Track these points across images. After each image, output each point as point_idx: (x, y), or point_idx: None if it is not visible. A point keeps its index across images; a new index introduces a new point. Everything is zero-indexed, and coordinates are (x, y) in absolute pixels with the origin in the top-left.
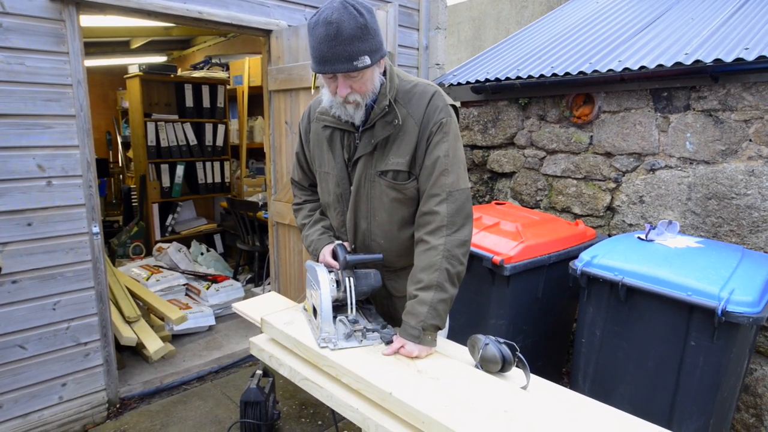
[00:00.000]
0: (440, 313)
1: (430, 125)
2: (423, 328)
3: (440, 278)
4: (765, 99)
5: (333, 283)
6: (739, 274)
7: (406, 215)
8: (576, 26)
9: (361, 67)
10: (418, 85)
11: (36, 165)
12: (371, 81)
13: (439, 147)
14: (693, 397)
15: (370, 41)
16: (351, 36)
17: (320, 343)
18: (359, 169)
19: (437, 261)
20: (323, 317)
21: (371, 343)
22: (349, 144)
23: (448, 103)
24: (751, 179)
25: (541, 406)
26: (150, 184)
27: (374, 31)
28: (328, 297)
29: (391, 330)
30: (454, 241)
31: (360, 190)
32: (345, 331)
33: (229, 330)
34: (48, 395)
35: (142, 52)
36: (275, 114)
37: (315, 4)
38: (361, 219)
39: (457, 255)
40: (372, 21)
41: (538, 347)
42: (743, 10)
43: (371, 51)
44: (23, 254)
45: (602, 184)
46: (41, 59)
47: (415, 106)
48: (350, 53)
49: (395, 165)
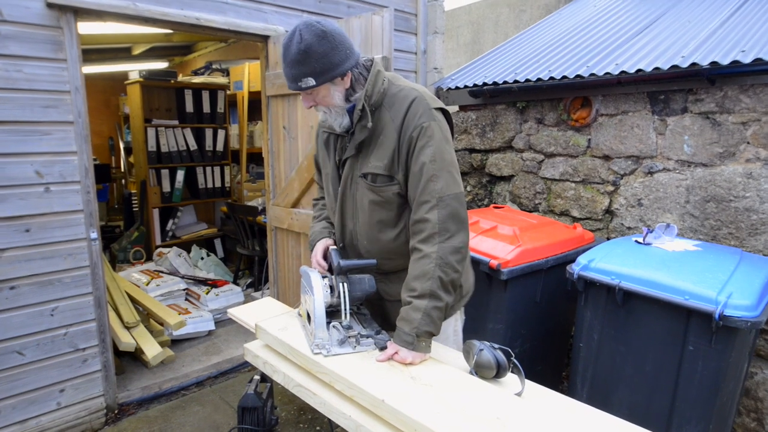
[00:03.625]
0: (434, 319)
1: (409, 130)
2: (417, 334)
3: (433, 287)
4: (762, 101)
5: (327, 288)
6: (737, 278)
7: (384, 218)
8: (573, 30)
9: (305, 87)
10: (404, 89)
11: (34, 171)
12: (328, 97)
13: (424, 152)
14: (692, 402)
15: (312, 64)
16: (293, 60)
17: (314, 350)
18: (346, 170)
19: (430, 269)
20: (316, 323)
21: (365, 349)
22: (341, 147)
23: (432, 107)
24: (750, 182)
25: (534, 413)
26: (150, 189)
27: (319, 55)
28: (321, 303)
29: (385, 336)
30: (447, 248)
31: (346, 191)
32: (339, 337)
33: (229, 335)
34: (46, 401)
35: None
36: (273, 119)
37: (312, 9)
38: (348, 219)
39: (450, 262)
40: (317, 44)
41: (536, 351)
42: (740, 13)
43: (315, 73)
44: (21, 260)
45: (600, 187)
46: (39, 66)
47: (396, 110)
48: (294, 75)
49: (374, 168)
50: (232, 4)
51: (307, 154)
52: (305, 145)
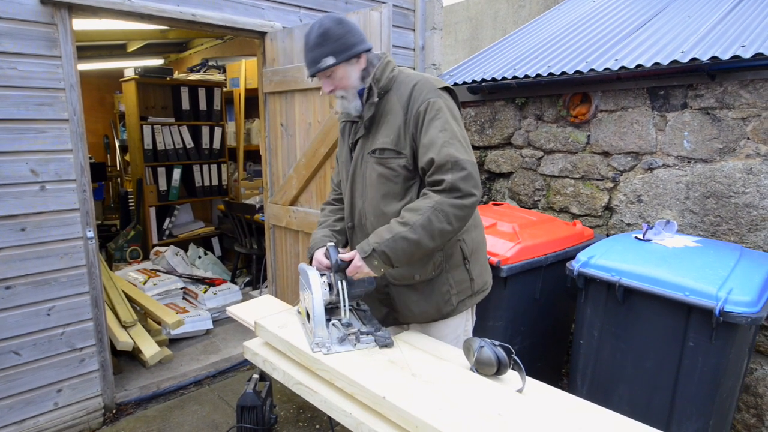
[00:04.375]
0: (397, 248)
1: (416, 105)
2: (375, 249)
3: (417, 221)
4: (762, 96)
5: (325, 286)
6: (737, 274)
7: (390, 191)
8: (573, 25)
9: (324, 67)
10: (411, 76)
11: (29, 170)
12: (346, 77)
13: (434, 124)
14: (692, 398)
15: (331, 44)
16: (313, 44)
17: (313, 348)
18: (357, 151)
19: (424, 208)
20: (315, 322)
21: (365, 347)
22: (354, 131)
23: (436, 87)
24: (749, 177)
25: (535, 409)
26: (147, 187)
27: (337, 36)
28: (320, 301)
29: (386, 332)
30: (450, 201)
31: (357, 170)
32: (338, 335)
33: (227, 333)
34: (43, 401)
35: (138, 55)
36: (271, 116)
37: (309, 5)
38: (357, 198)
39: (446, 212)
40: (335, 27)
41: (536, 348)
42: (740, 8)
43: (334, 52)
44: (17, 260)
45: (600, 184)
46: (33, 63)
47: (402, 91)
48: (314, 57)
49: (382, 144)
50: (229, 0)
51: (305, 151)
52: (303, 143)
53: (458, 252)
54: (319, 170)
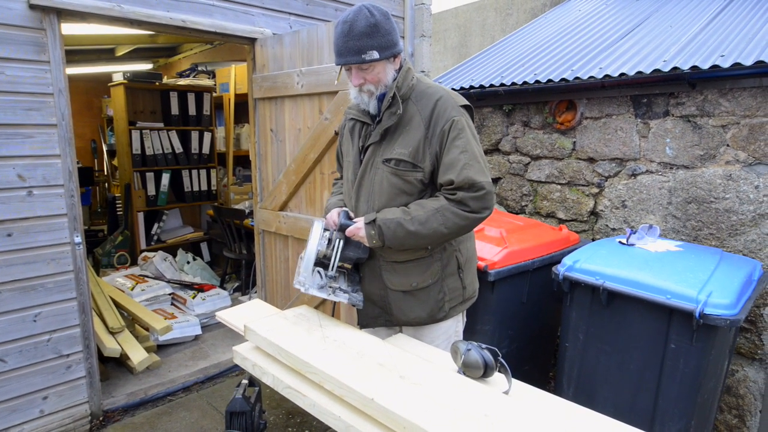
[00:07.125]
0: (393, 231)
1: (441, 123)
2: (375, 220)
3: (418, 216)
4: (741, 105)
5: (325, 239)
6: (717, 277)
7: (404, 202)
8: (559, 34)
9: (369, 60)
10: (431, 87)
11: (16, 175)
12: (383, 73)
13: (456, 143)
14: (674, 399)
15: (379, 39)
16: (360, 33)
17: (294, 284)
18: (368, 155)
19: (429, 207)
20: (304, 264)
21: (338, 299)
22: (366, 134)
23: (459, 104)
24: (729, 183)
25: (521, 410)
26: (135, 192)
27: (385, 31)
28: (314, 247)
29: (359, 296)
30: (455, 210)
31: (365, 175)
32: (320, 282)
33: (216, 339)
34: (28, 409)
35: (127, 60)
36: (260, 121)
37: (300, 12)
38: (363, 202)
39: (449, 217)
40: (384, 22)
41: (524, 352)
42: (719, 18)
43: (380, 47)
44: (3, 265)
45: (585, 189)
46: (21, 68)
47: (424, 104)
48: (359, 47)
49: (399, 154)
50: (219, 6)
51: (295, 157)
52: (293, 148)
53: (454, 261)
54: (308, 176)
